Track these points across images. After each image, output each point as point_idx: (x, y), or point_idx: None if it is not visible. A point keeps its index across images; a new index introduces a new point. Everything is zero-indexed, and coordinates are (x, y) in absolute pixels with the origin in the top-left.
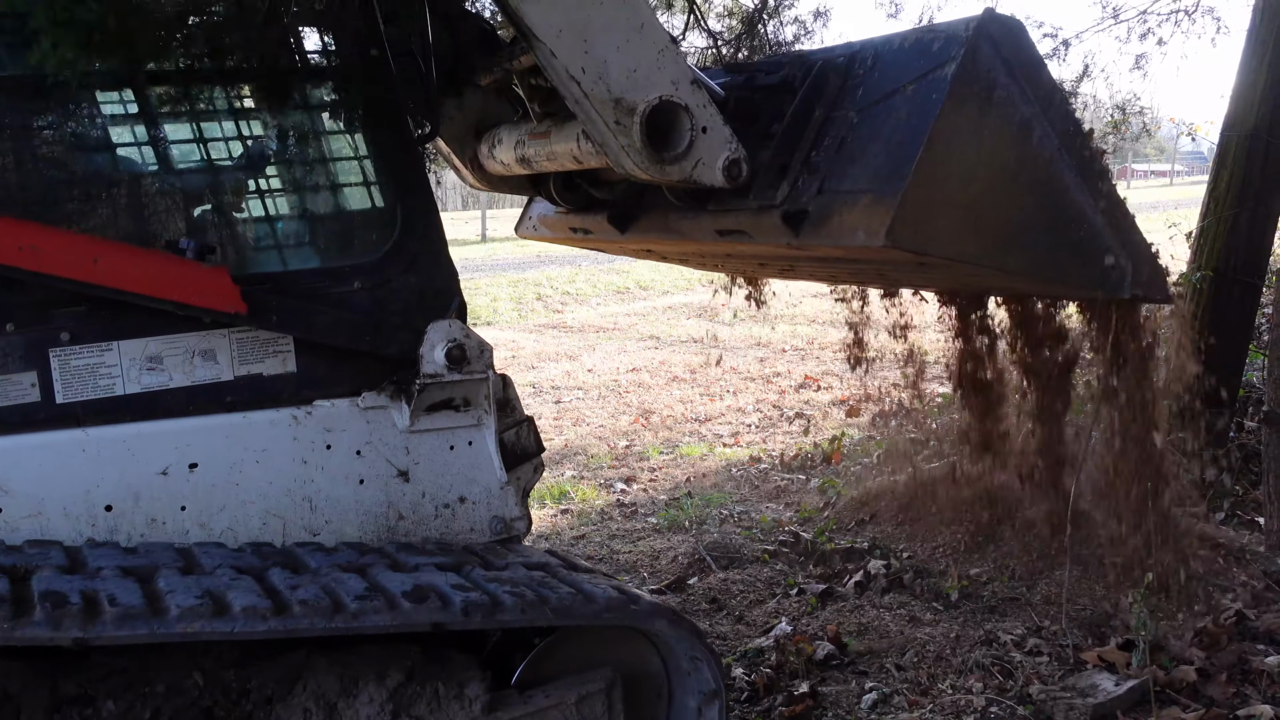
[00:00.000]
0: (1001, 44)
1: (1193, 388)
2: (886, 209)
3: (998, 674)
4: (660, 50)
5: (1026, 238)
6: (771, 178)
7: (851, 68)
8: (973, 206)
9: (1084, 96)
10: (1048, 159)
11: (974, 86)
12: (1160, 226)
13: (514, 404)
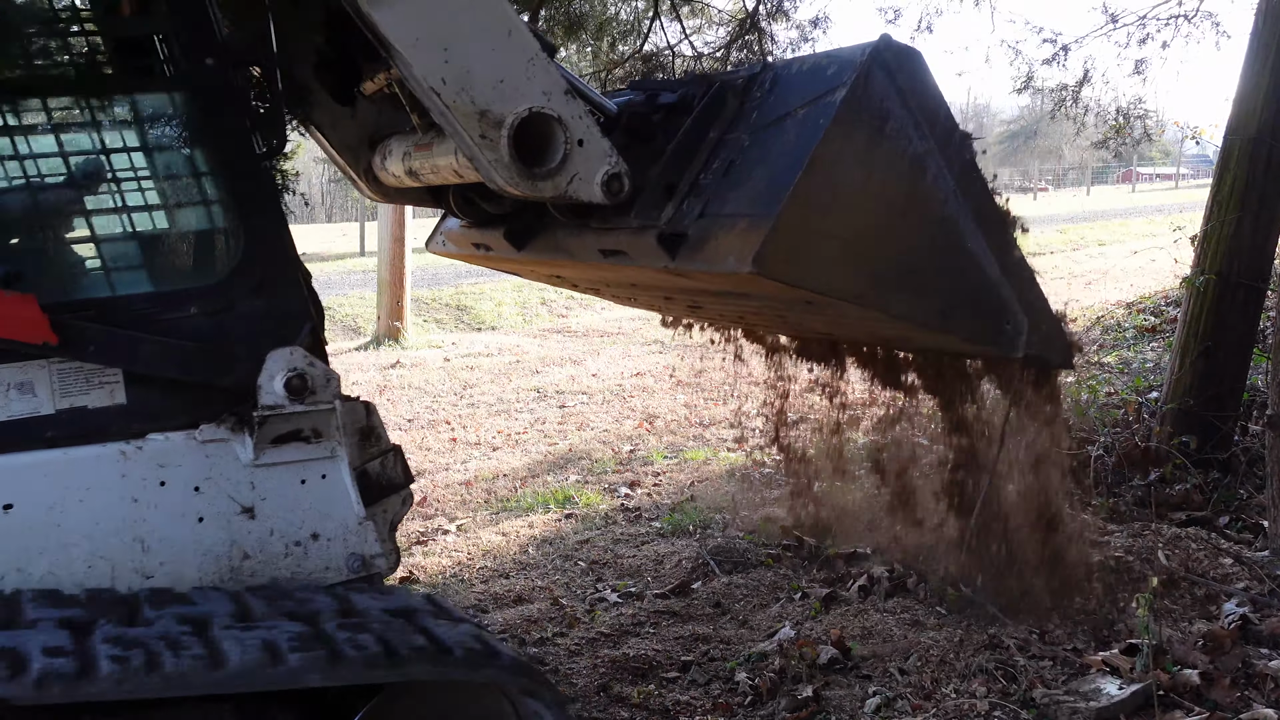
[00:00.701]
0: (897, 73)
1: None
2: (758, 234)
3: (1001, 678)
4: (530, 59)
5: (913, 281)
6: (657, 197)
7: (750, 89)
8: (855, 240)
9: (1085, 101)
10: (941, 199)
11: (864, 115)
12: (1165, 230)
13: (378, 433)
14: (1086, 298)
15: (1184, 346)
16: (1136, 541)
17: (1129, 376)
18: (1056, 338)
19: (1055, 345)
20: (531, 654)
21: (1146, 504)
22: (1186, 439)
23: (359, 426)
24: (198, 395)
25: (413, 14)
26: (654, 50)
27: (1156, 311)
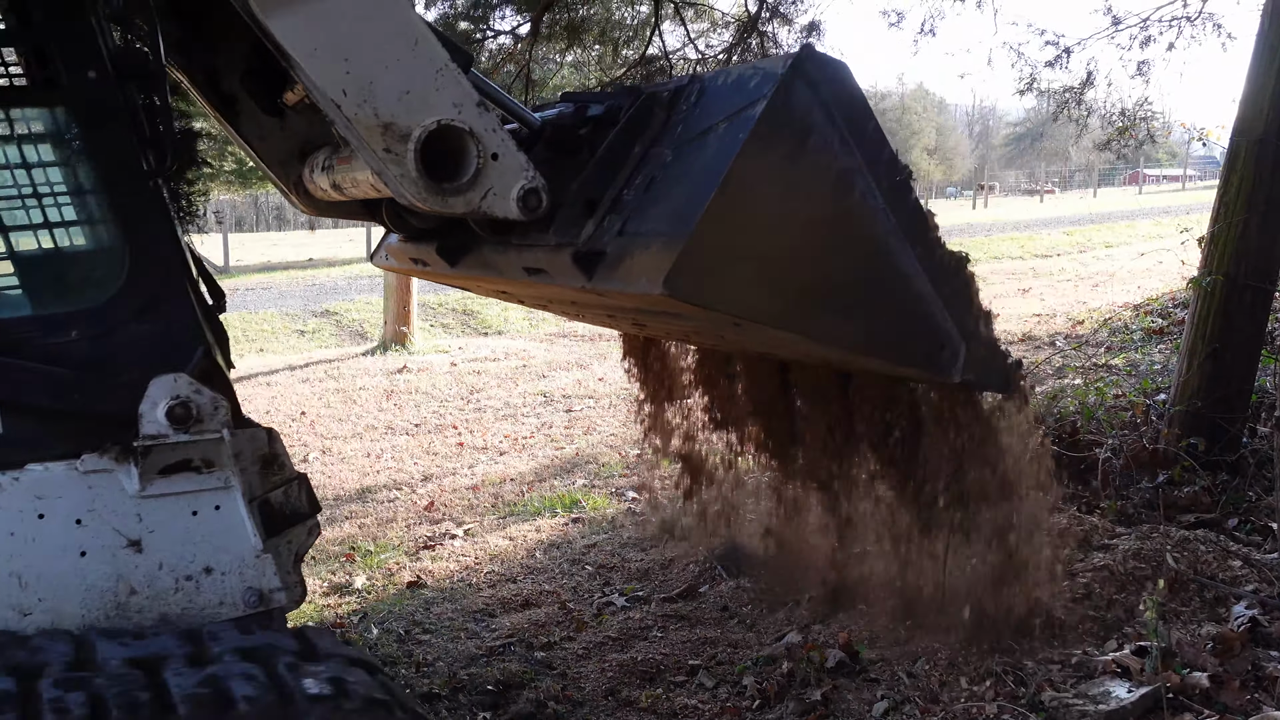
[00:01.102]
0: (821, 86)
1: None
2: (671, 254)
3: (1010, 681)
4: (439, 70)
5: (839, 303)
6: (577, 214)
7: (676, 102)
8: (775, 260)
9: (1089, 103)
10: (869, 218)
11: (785, 129)
12: (1172, 231)
13: (282, 460)
14: (1094, 300)
15: (1191, 348)
16: (1145, 544)
17: (1136, 378)
18: (995, 361)
19: (993, 369)
20: (539, 658)
21: (1155, 506)
22: (1195, 441)
23: (260, 454)
24: (80, 424)
25: (310, 23)
26: (657, 54)
27: (1164, 313)
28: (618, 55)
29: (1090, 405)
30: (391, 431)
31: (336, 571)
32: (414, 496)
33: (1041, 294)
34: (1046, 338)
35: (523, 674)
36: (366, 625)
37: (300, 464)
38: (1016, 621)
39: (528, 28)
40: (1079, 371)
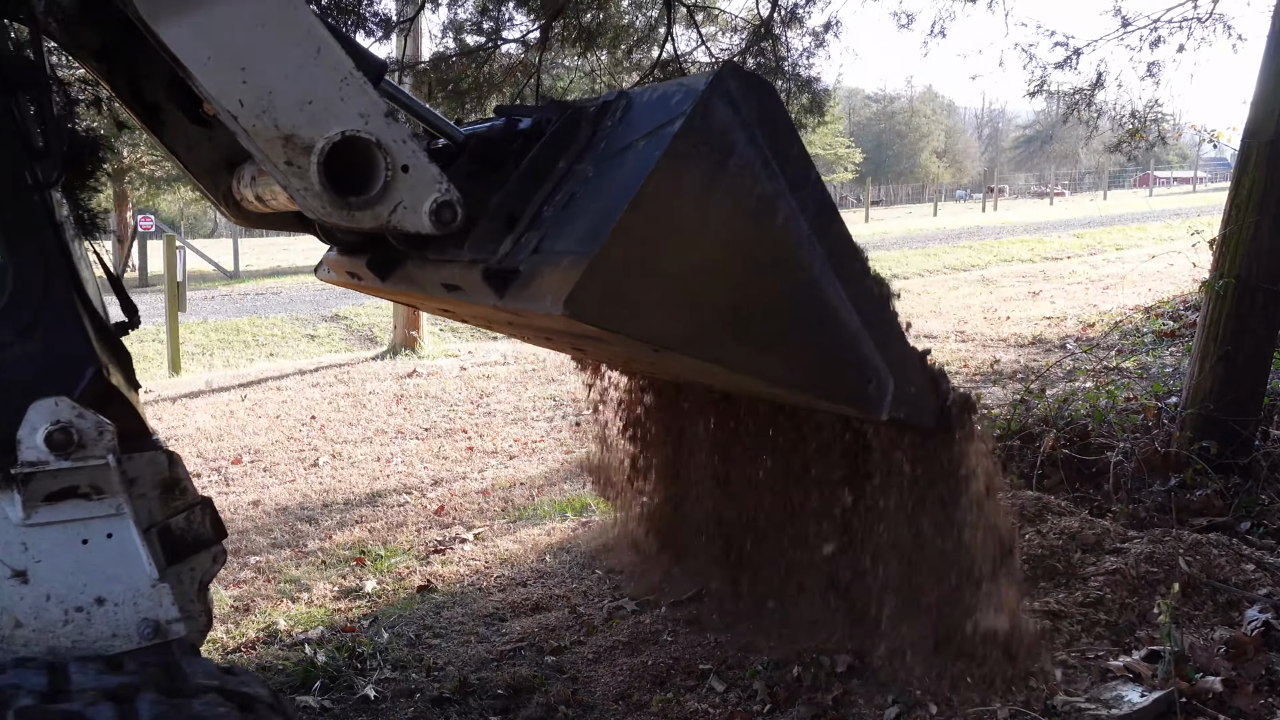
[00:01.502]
0: (744, 106)
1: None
2: (575, 273)
3: (1023, 685)
4: (343, 79)
5: (757, 331)
6: (496, 230)
7: (603, 117)
8: (689, 285)
9: (1099, 104)
10: (793, 244)
11: (703, 148)
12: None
13: (184, 485)
14: (1104, 302)
15: (1203, 351)
16: (1157, 547)
17: (1148, 381)
18: (926, 398)
19: (925, 406)
20: (550, 662)
21: (1167, 510)
22: (1207, 444)
23: (160, 479)
24: None
25: (202, 30)
26: (669, 58)
27: (1175, 316)
28: (629, 59)
29: (1102, 408)
30: (401, 436)
31: (347, 575)
32: (424, 501)
33: (1052, 297)
34: (1057, 340)
35: (533, 678)
36: (377, 629)
37: (310, 468)
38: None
39: (537, 35)
40: (1090, 374)
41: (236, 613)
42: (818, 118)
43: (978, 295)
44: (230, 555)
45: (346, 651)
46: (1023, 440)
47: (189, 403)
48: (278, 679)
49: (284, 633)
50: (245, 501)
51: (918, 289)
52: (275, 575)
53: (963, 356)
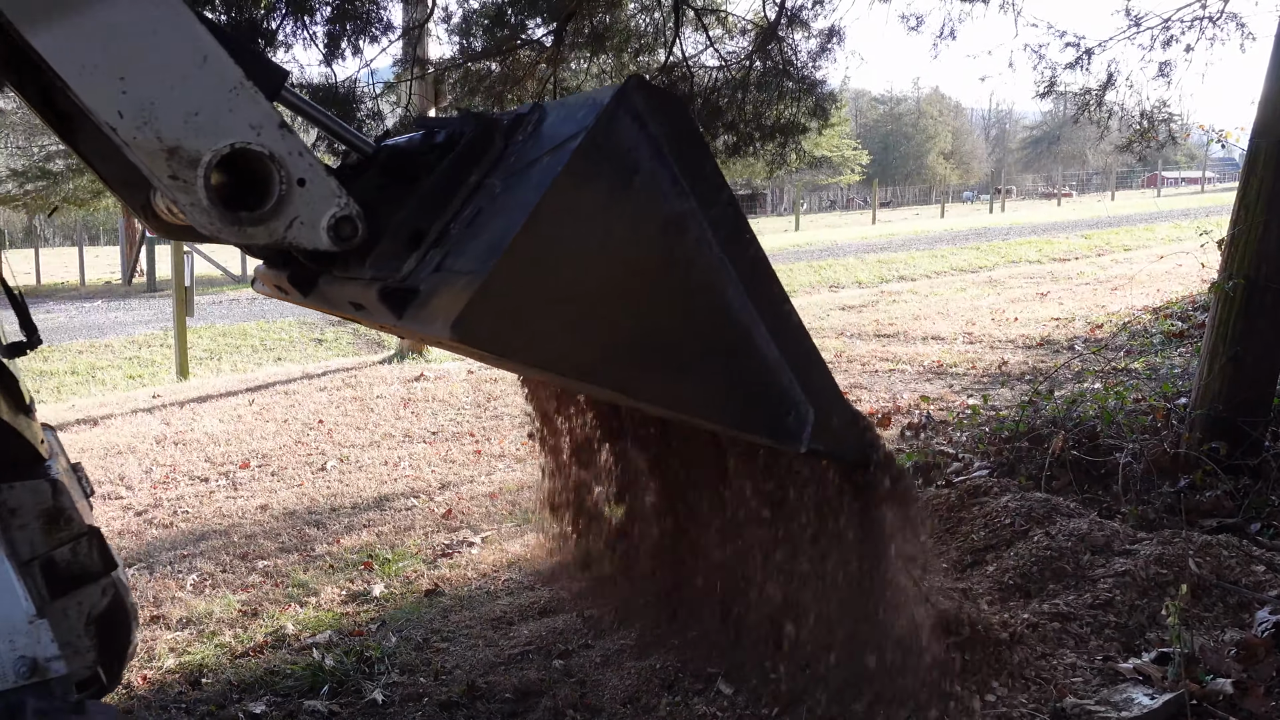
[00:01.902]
0: (650, 120)
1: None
2: (465, 294)
3: (1032, 687)
4: (232, 89)
5: (664, 358)
6: (400, 247)
7: (516, 130)
8: (590, 309)
9: (1109, 105)
10: (704, 267)
11: (605, 164)
12: (1191, 234)
13: (68, 515)
14: (1112, 303)
15: (1212, 352)
16: (1166, 549)
17: (1156, 382)
18: (849, 431)
19: (848, 440)
20: (558, 666)
21: (1176, 511)
22: (1216, 445)
23: (43, 509)
24: None
25: (77, 37)
26: (677, 60)
27: (1184, 316)
28: (636, 62)
29: (1110, 409)
30: (409, 439)
31: (354, 579)
32: (432, 504)
33: (1060, 298)
34: (1065, 341)
35: (541, 681)
36: (385, 633)
37: (318, 472)
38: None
39: (552, 39)
40: (1098, 375)
41: (244, 617)
42: (823, 121)
43: (985, 296)
44: (238, 560)
45: (354, 655)
46: (1031, 441)
47: (197, 407)
48: (286, 683)
49: (292, 637)
50: (253, 506)
51: (925, 290)
52: (283, 579)
53: (970, 358)
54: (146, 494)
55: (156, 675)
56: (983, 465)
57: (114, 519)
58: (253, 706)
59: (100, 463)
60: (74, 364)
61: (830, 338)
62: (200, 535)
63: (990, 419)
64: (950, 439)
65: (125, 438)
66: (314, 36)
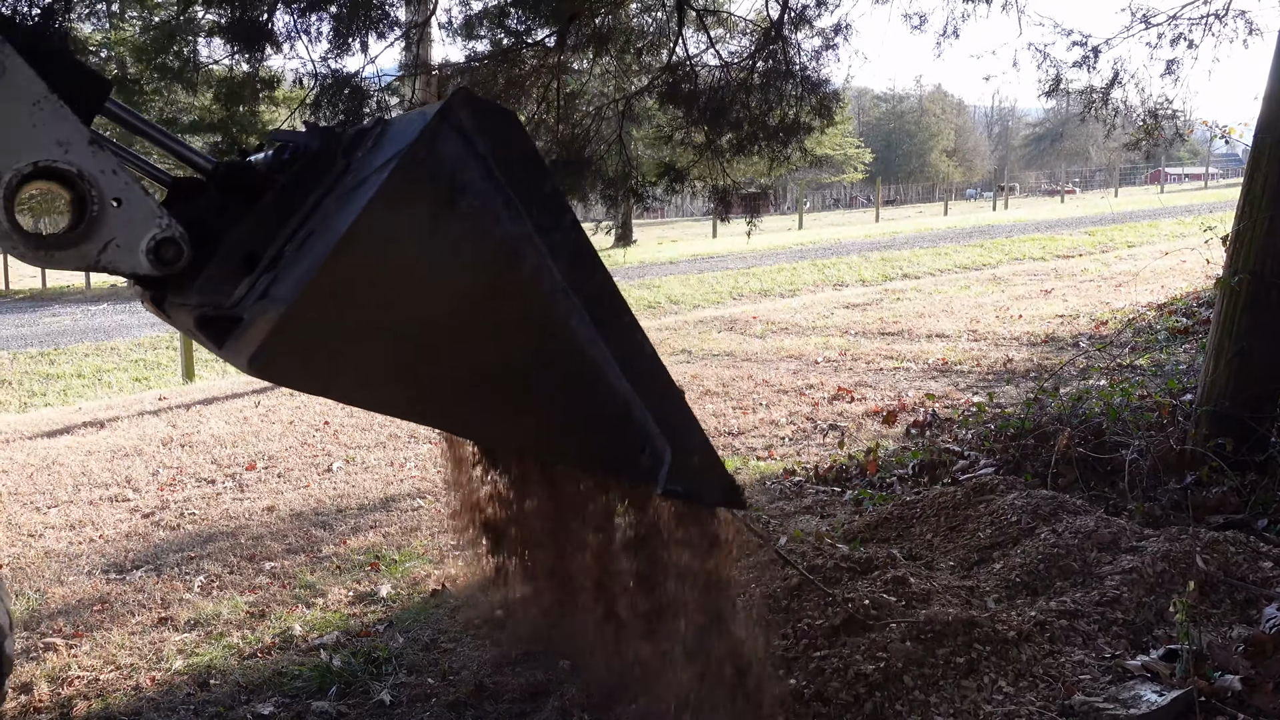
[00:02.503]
0: (479, 138)
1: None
2: (268, 325)
3: (1041, 685)
4: (35, 103)
5: (499, 394)
6: (232, 271)
7: (356, 146)
8: (410, 343)
9: (1114, 102)
10: (543, 295)
11: (426, 186)
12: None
13: None
14: (1117, 300)
15: (1218, 348)
16: (1173, 546)
17: (1162, 379)
18: (711, 472)
19: (709, 480)
20: (565, 665)
21: (1183, 507)
22: (1222, 441)
23: None
24: None
25: None
26: (680, 60)
27: (1188, 313)
28: (639, 62)
29: (1116, 406)
30: (415, 440)
31: (361, 580)
32: (438, 504)
33: (1064, 295)
34: (1070, 338)
35: (548, 682)
36: (392, 634)
37: (324, 473)
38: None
39: (555, 40)
40: (1104, 372)
41: (252, 619)
42: (826, 120)
43: (989, 294)
44: (245, 561)
45: (362, 656)
46: (1037, 439)
47: (203, 409)
48: (294, 684)
49: (299, 638)
50: (260, 508)
51: (929, 288)
52: (290, 581)
53: (975, 355)
54: (153, 496)
55: (164, 677)
56: (988, 463)
57: (121, 521)
58: (261, 708)
59: (107, 465)
60: (80, 367)
61: (835, 336)
62: (207, 537)
63: (995, 416)
64: (956, 437)
65: (132, 440)
66: (320, 34)
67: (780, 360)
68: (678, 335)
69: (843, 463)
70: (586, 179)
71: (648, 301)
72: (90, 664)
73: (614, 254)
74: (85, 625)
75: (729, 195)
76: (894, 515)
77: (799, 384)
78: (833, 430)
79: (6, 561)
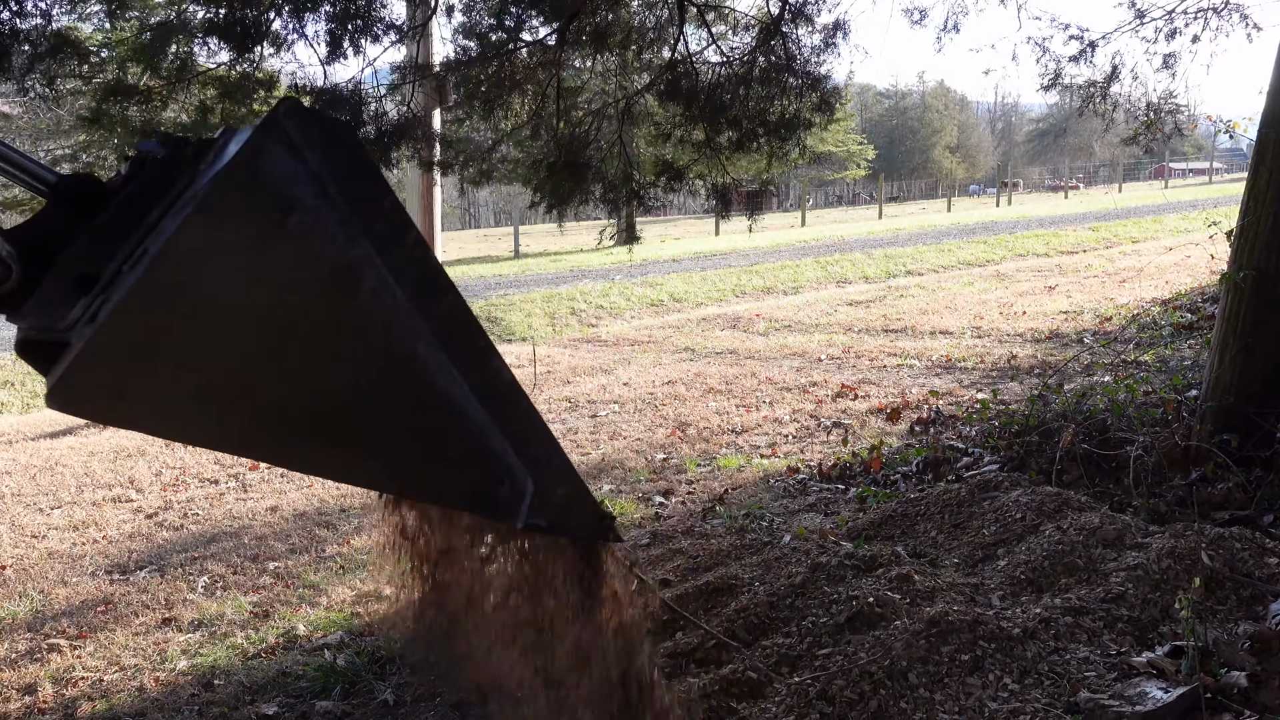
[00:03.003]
0: (310, 152)
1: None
2: (70, 356)
3: (1047, 683)
4: None
5: (338, 427)
6: (66, 292)
7: (200, 158)
8: (236, 372)
9: (1114, 97)
10: (385, 320)
11: (250, 204)
12: (1199, 225)
13: None
14: (1121, 296)
15: (1223, 343)
16: (1179, 542)
17: (1167, 375)
18: (579, 503)
19: (576, 513)
20: None
21: (1188, 504)
22: (1228, 437)
23: None
24: None
25: None
26: (680, 57)
27: (1193, 308)
28: (640, 60)
29: (1120, 402)
30: None
31: (366, 579)
32: None
33: (1068, 291)
34: (1074, 335)
35: None
36: (396, 633)
37: None
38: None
39: (554, 38)
40: (1108, 369)
41: (256, 619)
42: (827, 116)
43: (993, 290)
44: (249, 561)
45: (366, 656)
46: (1041, 435)
47: None
48: (298, 684)
49: (303, 638)
50: (263, 508)
51: (932, 285)
52: (294, 580)
53: (979, 352)
54: (156, 496)
55: (169, 677)
56: (993, 460)
57: (124, 522)
58: (265, 708)
59: (110, 465)
60: None
61: (838, 333)
62: (211, 537)
63: (1000, 413)
64: (960, 434)
65: (135, 440)
66: (317, 35)
67: (784, 358)
68: (681, 333)
69: (846, 460)
70: (588, 181)
71: (650, 300)
72: (94, 665)
73: (618, 252)
74: (89, 626)
75: (729, 192)
76: (898, 512)
77: (802, 381)
78: (836, 428)
79: (10, 563)
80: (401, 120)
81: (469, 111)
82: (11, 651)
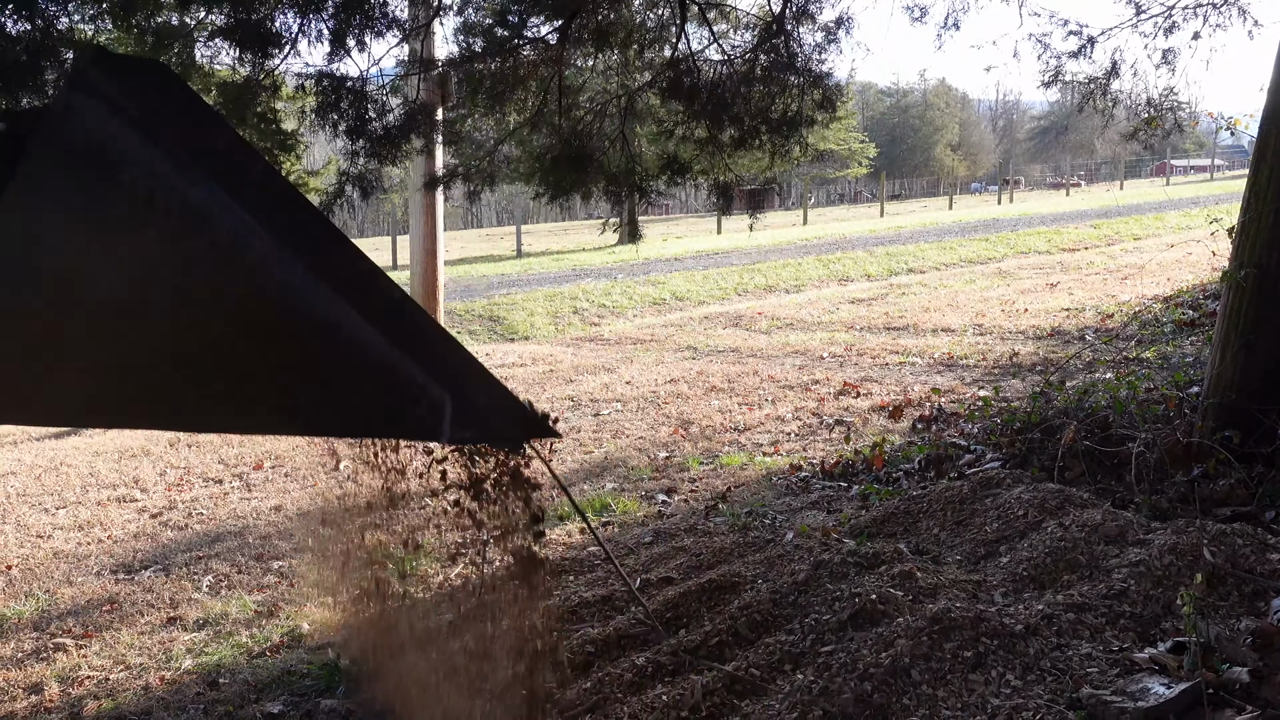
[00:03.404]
0: (128, 101)
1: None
2: None
3: (1049, 679)
4: None
5: (206, 378)
6: None
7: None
8: (89, 340)
9: (1114, 93)
10: (250, 261)
11: (72, 166)
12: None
13: None
14: (1123, 293)
15: (1224, 340)
16: (1181, 538)
17: (1168, 371)
18: (503, 407)
19: (503, 417)
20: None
21: (1190, 500)
22: (1229, 434)
23: None
24: None
25: None
26: (682, 55)
27: (1194, 305)
28: (641, 58)
29: (1122, 399)
30: None
31: (369, 578)
32: (443, 503)
33: (1070, 288)
34: (1076, 332)
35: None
36: None
37: (331, 472)
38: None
39: (555, 36)
40: (1110, 365)
41: (260, 617)
42: (829, 114)
43: (995, 288)
44: (253, 560)
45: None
46: (1043, 432)
47: None
48: (302, 683)
49: (307, 636)
50: (267, 507)
51: (934, 282)
52: (298, 579)
53: (981, 349)
54: (161, 496)
55: (174, 676)
56: (995, 457)
57: (129, 522)
58: (270, 706)
59: (115, 465)
60: None
61: (840, 331)
62: (215, 536)
63: (1002, 410)
64: (962, 431)
65: (139, 440)
66: (320, 34)
67: (786, 356)
68: (683, 331)
69: (849, 458)
70: (590, 173)
71: (653, 298)
72: (100, 664)
73: (620, 250)
74: (94, 625)
75: (731, 190)
76: (900, 510)
77: (804, 379)
78: (839, 425)
79: (16, 563)
80: (406, 114)
81: (472, 109)
82: (18, 651)
